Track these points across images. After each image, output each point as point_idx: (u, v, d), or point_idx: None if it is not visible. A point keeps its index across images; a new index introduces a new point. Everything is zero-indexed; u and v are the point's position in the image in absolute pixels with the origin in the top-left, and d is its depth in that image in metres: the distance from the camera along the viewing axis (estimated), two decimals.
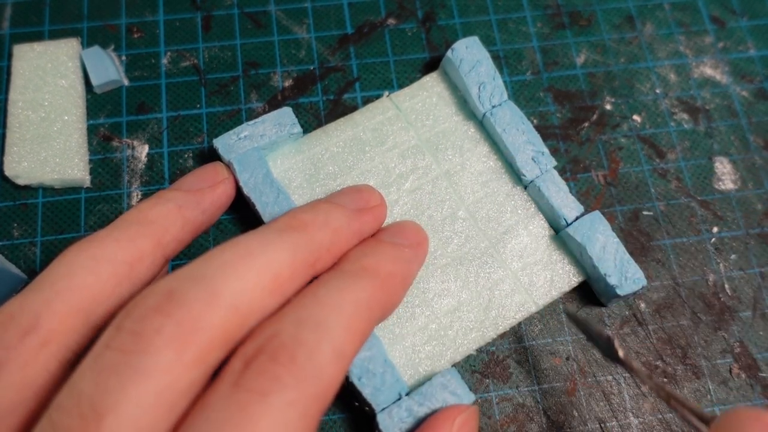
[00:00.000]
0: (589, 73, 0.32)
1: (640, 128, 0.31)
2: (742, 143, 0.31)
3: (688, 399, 0.26)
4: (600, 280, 0.26)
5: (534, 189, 0.27)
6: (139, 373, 0.16)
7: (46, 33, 0.31)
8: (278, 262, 0.19)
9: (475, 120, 0.29)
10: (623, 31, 0.33)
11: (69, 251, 0.19)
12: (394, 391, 0.23)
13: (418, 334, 0.25)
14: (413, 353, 0.25)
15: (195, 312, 0.17)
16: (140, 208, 0.22)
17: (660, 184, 0.30)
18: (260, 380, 0.17)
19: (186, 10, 0.32)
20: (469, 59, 0.29)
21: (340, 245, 0.22)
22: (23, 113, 0.29)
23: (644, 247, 0.28)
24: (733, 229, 0.29)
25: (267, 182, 0.26)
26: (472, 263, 0.27)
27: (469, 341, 0.26)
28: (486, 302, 0.26)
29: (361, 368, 0.23)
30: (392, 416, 0.23)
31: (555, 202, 0.27)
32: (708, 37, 0.33)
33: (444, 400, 0.23)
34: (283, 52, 0.31)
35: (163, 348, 0.16)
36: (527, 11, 0.33)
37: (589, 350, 0.27)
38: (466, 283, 0.27)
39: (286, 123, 0.27)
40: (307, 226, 0.21)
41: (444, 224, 0.27)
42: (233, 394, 0.16)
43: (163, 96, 0.30)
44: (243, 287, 0.18)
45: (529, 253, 0.27)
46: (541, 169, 0.27)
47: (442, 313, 0.26)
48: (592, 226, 0.26)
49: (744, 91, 0.32)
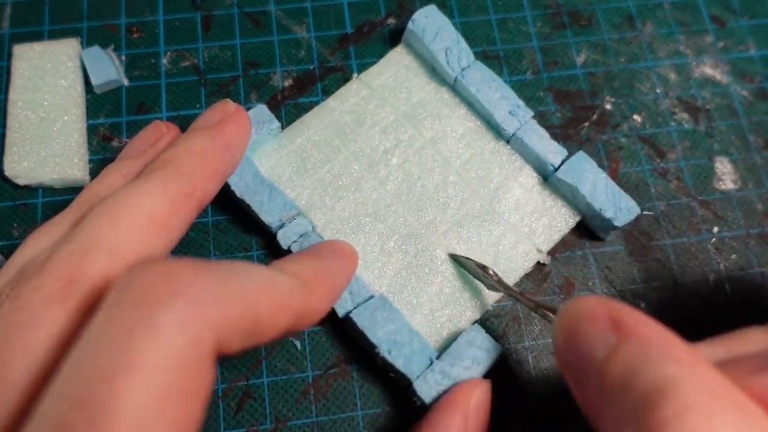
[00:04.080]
0: (589, 73, 0.32)
1: (640, 128, 0.31)
2: (743, 143, 0.31)
3: (547, 301, 0.27)
4: (596, 216, 0.27)
5: (517, 141, 0.28)
6: (25, 328, 0.16)
7: (46, 33, 0.31)
8: (150, 201, 0.19)
9: (448, 86, 0.30)
10: (623, 30, 0.33)
11: None
12: (425, 357, 0.24)
13: (434, 300, 0.26)
14: (433, 319, 0.26)
15: (72, 265, 0.17)
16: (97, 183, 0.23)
17: (660, 183, 0.30)
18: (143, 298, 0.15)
19: (186, 10, 0.32)
20: (431, 27, 0.29)
21: (211, 164, 0.22)
22: (23, 113, 0.29)
23: (644, 247, 0.28)
24: (733, 229, 0.29)
25: (257, 182, 0.26)
26: (472, 224, 0.27)
27: (484, 297, 0.26)
28: (493, 258, 0.27)
29: (389, 342, 0.24)
30: (428, 381, 0.23)
31: (539, 149, 0.28)
32: (708, 36, 0.33)
33: (473, 355, 0.24)
34: (283, 51, 0.31)
35: (46, 303, 0.17)
36: (527, 11, 0.33)
37: None
38: (470, 244, 0.27)
39: (264, 120, 0.27)
40: (171, 161, 0.21)
41: (438, 191, 0.28)
42: (107, 318, 0.15)
43: (163, 96, 0.30)
44: (117, 233, 0.18)
45: (524, 204, 0.28)
46: (519, 121, 0.28)
47: (453, 276, 0.27)
48: (580, 166, 0.27)
49: (744, 90, 0.32)
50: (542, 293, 0.27)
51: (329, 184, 0.28)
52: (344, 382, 0.26)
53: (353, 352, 0.26)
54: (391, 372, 0.24)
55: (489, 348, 0.24)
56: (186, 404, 0.15)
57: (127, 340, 0.14)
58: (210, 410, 0.25)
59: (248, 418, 0.25)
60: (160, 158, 0.22)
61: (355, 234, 0.27)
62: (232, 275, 0.17)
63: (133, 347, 0.14)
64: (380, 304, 0.25)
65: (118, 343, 0.14)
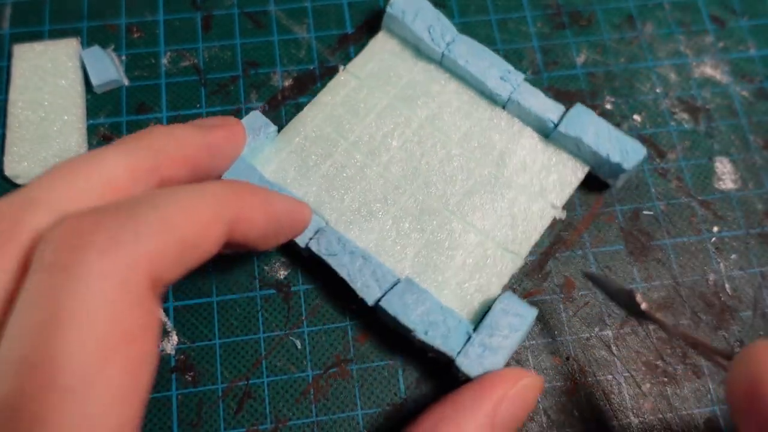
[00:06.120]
0: (589, 73, 0.32)
1: (640, 128, 0.31)
2: (743, 143, 0.31)
3: (712, 342, 0.26)
4: (604, 163, 0.27)
5: (513, 105, 0.29)
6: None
7: (46, 33, 0.31)
8: (111, 166, 0.19)
9: (435, 62, 0.30)
10: (623, 30, 0.33)
11: None
12: (462, 333, 0.24)
13: (460, 273, 0.26)
14: (462, 291, 0.26)
15: (14, 217, 0.17)
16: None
17: (660, 183, 0.30)
18: (60, 253, 0.15)
19: (186, 10, 0.32)
20: (411, 9, 0.30)
21: (186, 152, 0.21)
22: (23, 113, 0.29)
23: (644, 246, 0.28)
24: (733, 228, 0.29)
25: (264, 185, 0.26)
26: (482, 192, 0.28)
27: (508, 261, 0.27)
28: (509, 222, 0.27)
29: (423, 323, 0.24)
30: (469, 356, 0.24)
31: (537, 109, 0.28)
32: (708, 36, 0.33)
33: (509, 324, 0.24)
34: (283, 51, 0.31)
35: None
36: (527, 11, 0.33)
37: (589, 350, 0.27)
38: (484, 212, 0.27)
39: (259, 126, 0.27)
40: (144, 137, 0.21)
41: (443, 166, 0.28)
42: (33, 279, 0.15)
43: (163, 96, 0.30)
44: (69, 191, 0.18)
45: (530, 164, 0.28)
46: (512, 85, 0.29)
47: (473, 246, 0.27)
48: (579, 117, 0.28)
49: (744, 90, 0.32)
50: (542, 293, 0.27)
51: (334, 177, 0.28)
52: (344, 382, 0.26)
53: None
54: (431, 352, 0.25)
55: (524, 313, 0.24)
56: (133, 346, 0.15)
57: (55, 301, 0.14)
58: (210, 410, 0.25)
59: (248, 418, 0.25)
60: (137, 132, 0.21)
61: (368, 222, 0.27)
62: (137, 207, 0.17)
63: (62, 306, 0.14)
64: (407, 287, 0.25)
65: (49, 305, 0.15)
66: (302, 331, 0.26)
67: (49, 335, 0.14)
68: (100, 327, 0.14)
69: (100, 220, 0.16)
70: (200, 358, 0.26)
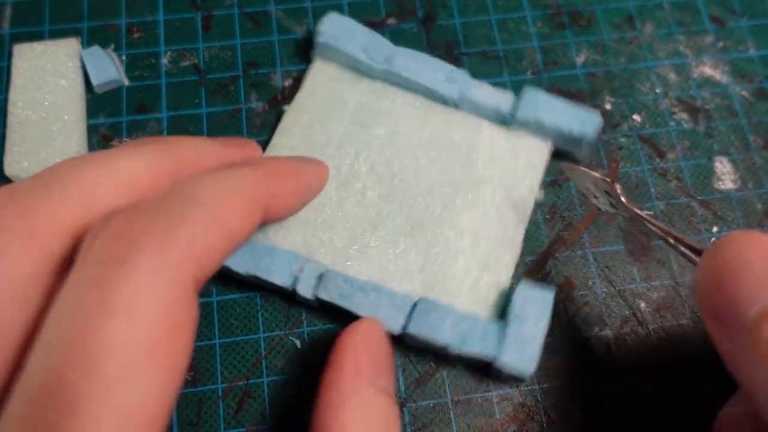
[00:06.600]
0: (589, 73, 0.32)
1: (640, 128, 0.31)
2: (742, 143, 0.31)
3: (684, 235, 0.26)
4: (566, 137, 0.28)
5: (465, 102, 0.29)
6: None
7: (46, 33, 0.31)
8: (134, 165, 0.19)
9: (379, 80, 0.30)
10: (623, 30, 0.33)
11: None
12: (493, 334, 0.24)
13: (468, 275, 0.26)
14: (476, 292, 0.26)
15: (43, 209, 0.17)
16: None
17: (660, 183, 0.30)
18: (114, 248, 0.15)
19: (186, 10, 0.32)
20: (344, 33, 0.29)
21: (206, 162, 0.22)
22: (23, 113, 0.29)
23: (644, 246, 0.28)
24: (733, 228, 0.29)
25: (250, 249, 0.25)
26: (461, 194, 0.28)
27: (507, 252, 0.27)
28: (496, 215, 0.28)
29: (456, 336, 0.24)
30: (508, 353, 0.24)
31: (489, 102, 0.28)
32: (708, 36, 0.33)
33: (534, 312, 0.24)
34: (283, 51, 0.31)
35: (10, 241, 0.16)
36: (527, 11, 0.33)
37: (589, 350, 0.27)
38: (470, 212, 0.28)
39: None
40: (168, 141, 0.21)
41: (417, 179, 0.28)
42: (83, 270, 0.15)
43: (163, 96, 0.30)
44: (96, 186, 0.18)
45: (497, 155, 0.28)
46: (459, 84, 0.29)
47: (471, 248, 0.27)
48: (532, 101, 0.28)
49: (744, 91, 0.32)
50: None
51: (315, 221, 0.27)
52: None
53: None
54: (470, 362, 0.25)
55: (543, 298, 0.25)
56: (175, 341, 0.15)
57: (108, 291, 0.15)
58: (210, 410, 0.25)
59: (248, 418, 0.25)
60: (158, 137, 0.21)
61: (364, 254, 0.26)
62: (185, 204, 0.17)
63: (115, 296, 0.15)
64: (428, 306, 0.24)
65: (101, 295, 0.15)
66: (302, 331, 0.26)
67: (100, 323, 0.14)
68: (151, 318, 0.15)
69: (153, 220, 0.16)
70: (200, 358, 0.26)
